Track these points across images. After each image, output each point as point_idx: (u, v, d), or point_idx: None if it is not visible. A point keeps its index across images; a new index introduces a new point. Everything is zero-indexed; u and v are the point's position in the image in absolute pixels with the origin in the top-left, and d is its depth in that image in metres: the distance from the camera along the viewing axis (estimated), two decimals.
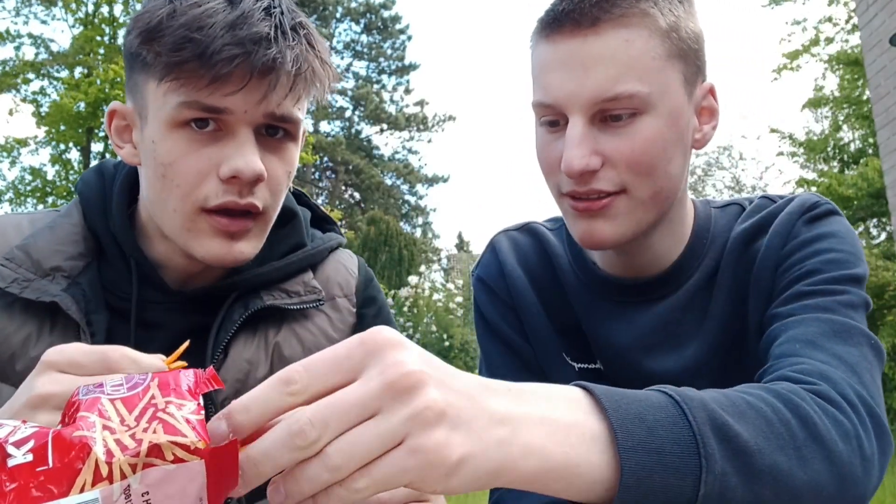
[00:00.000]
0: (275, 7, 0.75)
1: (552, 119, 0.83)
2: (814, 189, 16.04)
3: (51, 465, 0.40)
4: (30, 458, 0.40)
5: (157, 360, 0.58)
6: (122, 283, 0.83)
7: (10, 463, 0.40)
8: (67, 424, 0.44)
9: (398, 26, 28.25)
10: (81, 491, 0.40)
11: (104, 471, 0.41)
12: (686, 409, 0.51)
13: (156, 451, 0.43)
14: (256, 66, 0.72)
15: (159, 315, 0.84)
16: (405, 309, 10.20)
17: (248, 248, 0.80)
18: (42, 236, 0.83)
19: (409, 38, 29.77)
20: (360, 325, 0.95)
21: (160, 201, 0.78)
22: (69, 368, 0.58)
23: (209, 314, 0.85)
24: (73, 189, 13.88)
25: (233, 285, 0.86)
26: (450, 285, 11.64)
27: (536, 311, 0.98)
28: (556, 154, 0.82)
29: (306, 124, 0.89)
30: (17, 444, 0.40)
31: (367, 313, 0.97)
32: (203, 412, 0.49)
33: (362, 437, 0.40)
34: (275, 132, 0.79)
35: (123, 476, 0.41)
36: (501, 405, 0.44)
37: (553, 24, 0.80)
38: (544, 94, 0.82)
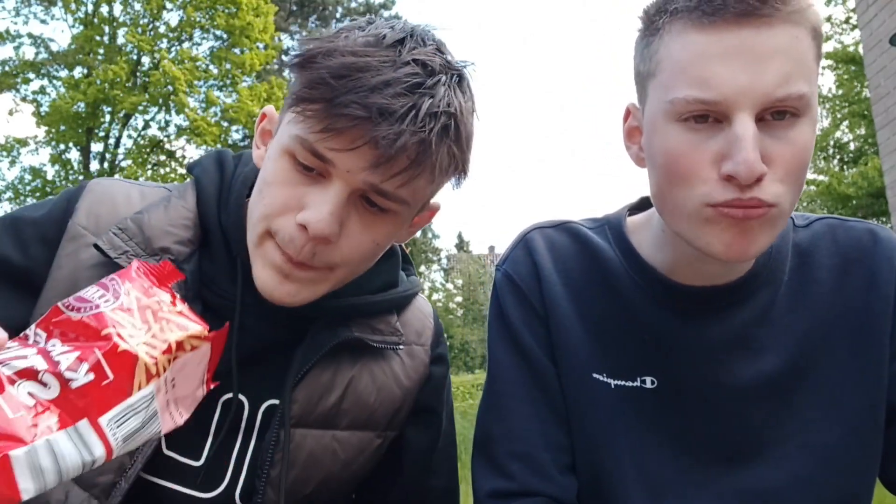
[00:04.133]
0: (427, 87, 0.72)
1: (702, 114, 0.73)
2: (813, 188, 16.04)
3: (111, 377, 0.50)
4: (91, 376, 0.49)
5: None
6: (222, 279, 0.82)
7: (75, 385, 0.48)
8: (77, 339, 0.51)
9: None
10: (139, 389, 0.51)
11: (152, 370, 0.52)
12: None
13: (180, 345, 0.56)
14: (370, 136, 0.69)
15: (250, 319, 0.83)
16: None
17: (303, 292, 0.78)
18: (156, 213, 0.83)
19: None
20: (429, 381, 0.95)
21: (254, 213, 0.78)
22: None
23: (294, 331, 0.84)
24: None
25: (326, 309, 0.85)
26: (449, 285, 11.63)
27: (571, 323, 0.90)
28: (708, 156, 0.73)
29: None
30: (72, 368, 0.49)
31: (437, 373, 0.96)
32: (177, 298, 0.60)
33: None
34: (374, 203, 0.76)
35: (163, 370, 0.53)
36: None
37: (716, 12, 0.71)
38: (704, 88, 0.72)
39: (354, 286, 0.86)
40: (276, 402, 0.83)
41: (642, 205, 0.98)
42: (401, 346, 0.90)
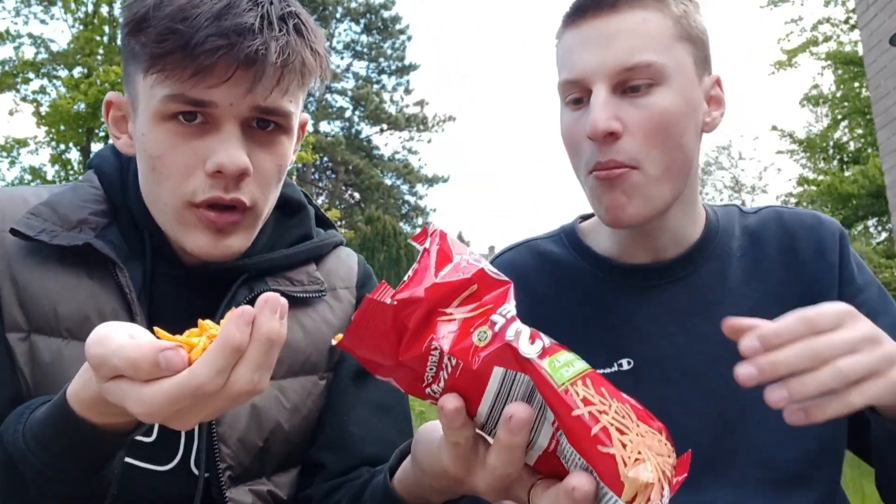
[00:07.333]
0: None
1: (577, 96, 0.89)
2: (813, 188, 16.03)
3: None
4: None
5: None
6: (135, 253, 0.83)
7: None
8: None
9: (398, 26, 28.25)
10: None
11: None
12: None
13: None
14: (240, 57, 0.70)
15: (169, 289, 0.84)
16: None
17: (237, 242, 0.80)
18: (65, 195, 0.84)
19: (409, 38, 29.78)
20: None
21: (153, 193, 0.79)
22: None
23: (215, 296, 0.85)
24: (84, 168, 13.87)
25: (242, 268, 0.86)
26: None
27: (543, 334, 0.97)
28: (582, 129, 0.87)
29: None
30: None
31: None
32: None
33: (860, 362, 0.59)
34: (265, 125, 0.78)
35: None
36: None
37: (577, 13, 0.89)
38: (570, 71, 0.88)
39: (267, 243, 0.90)
40: None
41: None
42: (323, 293, 0.92)
